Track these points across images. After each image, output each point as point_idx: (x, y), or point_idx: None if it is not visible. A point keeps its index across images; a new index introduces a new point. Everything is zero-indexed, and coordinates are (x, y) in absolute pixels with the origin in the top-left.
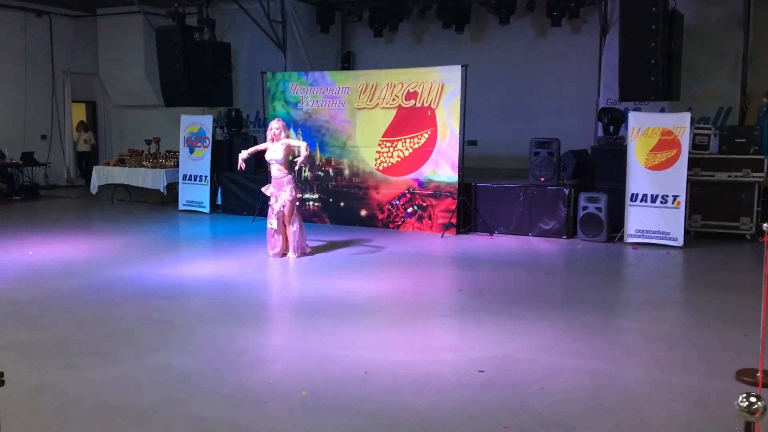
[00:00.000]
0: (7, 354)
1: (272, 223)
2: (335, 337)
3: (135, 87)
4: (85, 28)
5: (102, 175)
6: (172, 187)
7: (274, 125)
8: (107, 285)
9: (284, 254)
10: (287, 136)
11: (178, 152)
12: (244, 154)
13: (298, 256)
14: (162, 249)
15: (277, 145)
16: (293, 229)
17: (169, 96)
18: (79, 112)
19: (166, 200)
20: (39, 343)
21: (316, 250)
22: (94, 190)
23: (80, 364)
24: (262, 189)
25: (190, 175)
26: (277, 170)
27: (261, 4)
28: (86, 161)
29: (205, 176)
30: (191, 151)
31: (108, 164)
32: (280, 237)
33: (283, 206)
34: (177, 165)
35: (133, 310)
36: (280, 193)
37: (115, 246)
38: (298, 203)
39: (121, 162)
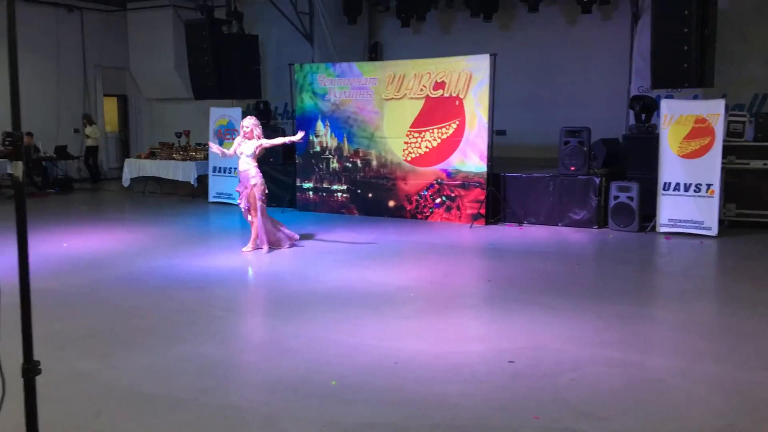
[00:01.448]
0: (43, 343)
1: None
2: (364, 327)
3: (165, 80)
4: (115, 23)
5: (134, 168)
6: (202, 180)
7: (246, 123)
8: (139, 276)
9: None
10: (259, 135)
11: (208, 145)
12: (214, 148)
13: (253, 249)
14: (192, 240)
15: (249, 143)
16: (256, 222)
17: (199, 89)
18: (109, 106)
19: (196, 192)
20: (73, 332)
21: (300, 240)
22: (126, 182)
23: (114, 353)
24: (237, 189)
25: (220, 168)
26: (245, 163)
27: None
28: (92, 157)
29: (235, 168)
30: (221, 144)
31: (139, 157)
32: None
33: (248, 200)
34: (207, 157)
35: (164, 301)
36: (244, 188)
37: (146, 238)
38: (266, 195)
39: (152, 155)
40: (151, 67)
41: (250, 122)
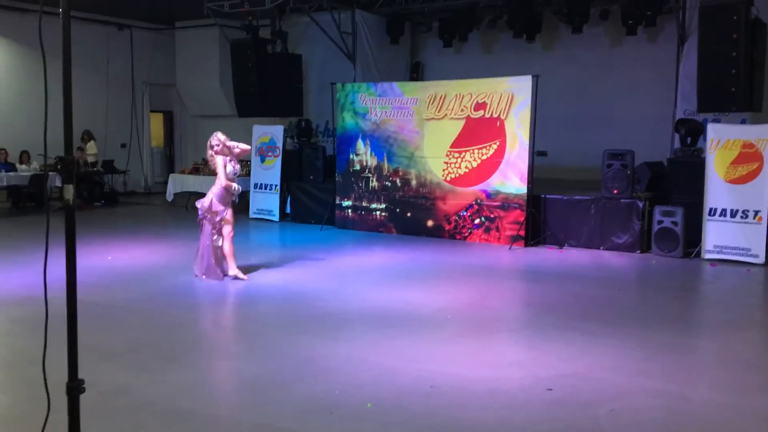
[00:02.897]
0: (85, 356)
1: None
2: (401, 348)
3: (210, 97)
4: (163, 41)
5: (177, 183)
6: (243, 196)
7: (216, 141)
8: (181, 291)
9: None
10: (231, 147)
11: (250, 161)
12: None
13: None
14: None
15: (227, 159)
16: (229, 246)
17: (243, 106)
18: (156, 122)
19: (237, 208)
20: (116, 346)
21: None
22: (169, 197)
23: (155, 368)
24: (215, 208)
25: (261, 184)
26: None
27: (332, 16)
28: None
29: (275, 185)
30: (262, 161)
31: (183, 172)
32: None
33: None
34: (248, 174)
35: (205, 316)
36: (228, 208)
37: (189, 252)
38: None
39: (195, 170)
40: (197, 85)
41: (221, 138)
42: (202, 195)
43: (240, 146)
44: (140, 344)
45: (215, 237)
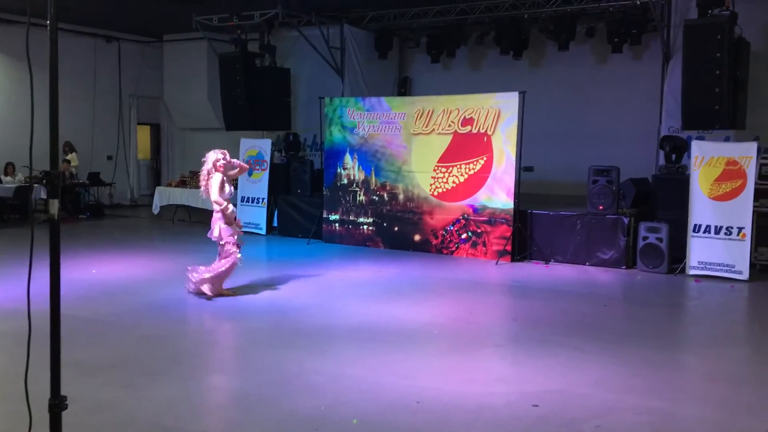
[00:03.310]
0: (68, 371)
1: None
2: (388, 364)
3: (197, 110)
4: (151, 54)
5: (164, 196)
6: None
7: (220, 155)
8: (166, 305)
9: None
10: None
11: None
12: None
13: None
14: None
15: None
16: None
17: (231, 120)
18: (143, 134)
19: None
20: (100, 360)
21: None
22: (155, 210)
23: (139, 383)
24: (227, 236)
25: (248, 198)
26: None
27: (321, 31)
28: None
29: (263, 198)
30: (250, 174)
31: (170, 185)
32: None
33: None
34: (236, 187)
35: (191, 331)
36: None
37: (175, 266)
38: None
39: (182, 183)
40: (185, 98)
41: (221, 155)
42: (189, 208)
43: (241, 165)
44: (124, 359)
45: (239, 257)
